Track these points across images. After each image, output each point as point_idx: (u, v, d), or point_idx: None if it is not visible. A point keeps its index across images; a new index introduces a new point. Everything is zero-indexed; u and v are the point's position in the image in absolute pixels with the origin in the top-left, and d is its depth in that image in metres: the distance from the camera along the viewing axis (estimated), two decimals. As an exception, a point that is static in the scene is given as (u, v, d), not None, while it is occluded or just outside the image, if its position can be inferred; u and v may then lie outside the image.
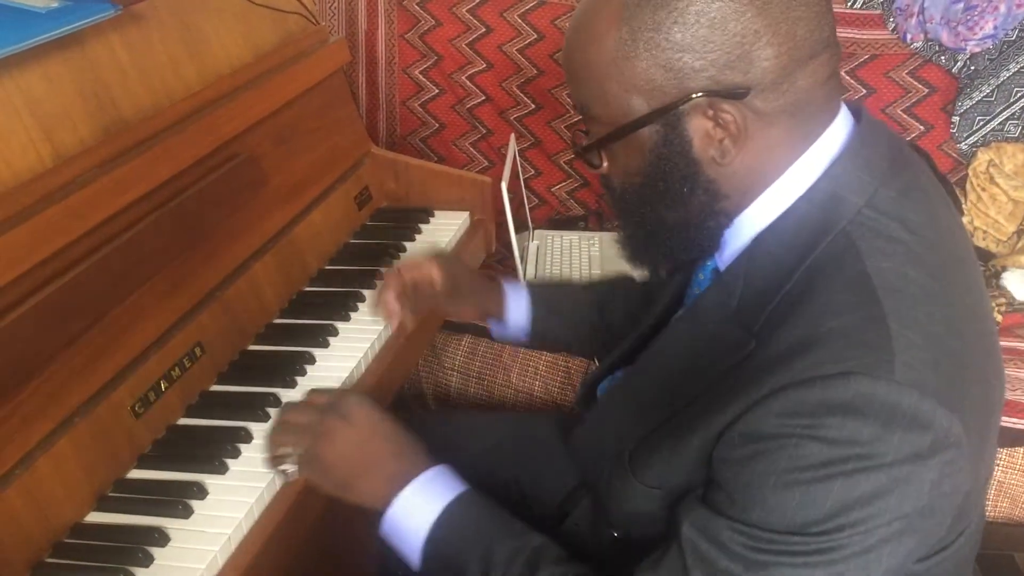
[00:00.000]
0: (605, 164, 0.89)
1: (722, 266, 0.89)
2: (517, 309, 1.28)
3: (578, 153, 0.90)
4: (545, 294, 1.31)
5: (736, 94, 0.78)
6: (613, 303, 1.28)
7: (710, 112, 0.80)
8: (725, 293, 0.84)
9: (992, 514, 1.60)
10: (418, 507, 0.93)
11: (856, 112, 0.86)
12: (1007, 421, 1.60)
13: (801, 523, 0.73)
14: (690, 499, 0.81)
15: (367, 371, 1.27)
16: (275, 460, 0.98)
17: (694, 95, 0.79)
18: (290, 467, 0.97)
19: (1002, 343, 1.81)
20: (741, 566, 0.75)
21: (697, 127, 0.81)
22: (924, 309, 0.75)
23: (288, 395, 1.17)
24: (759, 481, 0.74)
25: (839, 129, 0.83)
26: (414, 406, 1.90)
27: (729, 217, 0.85)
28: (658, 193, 0.85)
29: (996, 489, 1.58)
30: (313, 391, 1.03)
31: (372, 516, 0.96)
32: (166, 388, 1.13)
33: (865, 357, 0.72)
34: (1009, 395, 1.63)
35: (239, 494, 1.02)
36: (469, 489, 0.95)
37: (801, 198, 0.82)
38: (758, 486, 0.74)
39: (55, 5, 1.10)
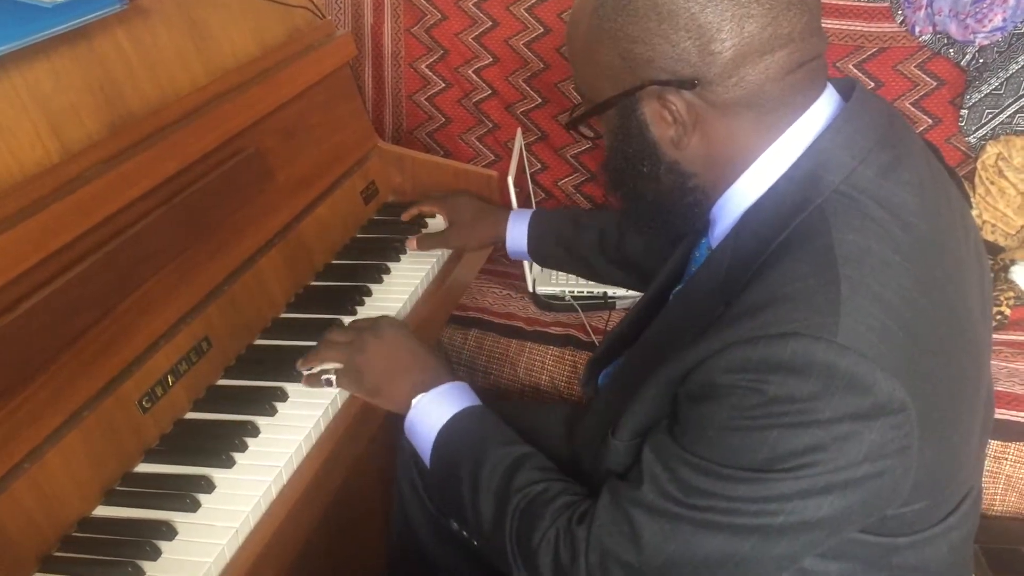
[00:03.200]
0: (588, 133, 1.00)
1: (713, 243, 0.93)
2: (517, 235, 1.47)
3: (567, 124, 1.00)
4: (544, 218, 1.47)
5: (685, 85, 0.84)
6: (617, 234, 1.39)
7: (657, 102, 0.86)
8: (715, 269, 0.89)
9: (1000, 508, 1.60)
10: (433, 411, 1.06)
11: (848, 90, 0.89)
12: (1015, 416, 1.59)
13: (739, 462, 0.79)
14: (657, 427, 0.88)
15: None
16: (314, 377, 1.16)
17: (645, 84, 0.85)
18: (332, 376, 1.15)
19: (1011, 337, 1.81)
20: (682, 490, 0.82)
21: (652, 112, 0.88)
22: (879, 278, 0.78)
23: (295, 389, 1.17)
24: (706, 421, 0.81)
25: (822, 110, 0.87)
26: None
27: (706, 194, 0.91)
28: (625, 169, 0.93)
29: (1004, 484, 1.58)
30: (354, 321, 1.21)
31: (377, 512, 0.96)
32: (173, 382, 1.13)
33: (810, 319, 0.76)
34: (1019, 390, 1.63)
35: (246, 488, 1.02)
36: (479, 404, 1.08)
37: (782, 176, 0.86)
38: (705, 426, 0.81)
39: (61, 0, 1.10)
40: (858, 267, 0.77)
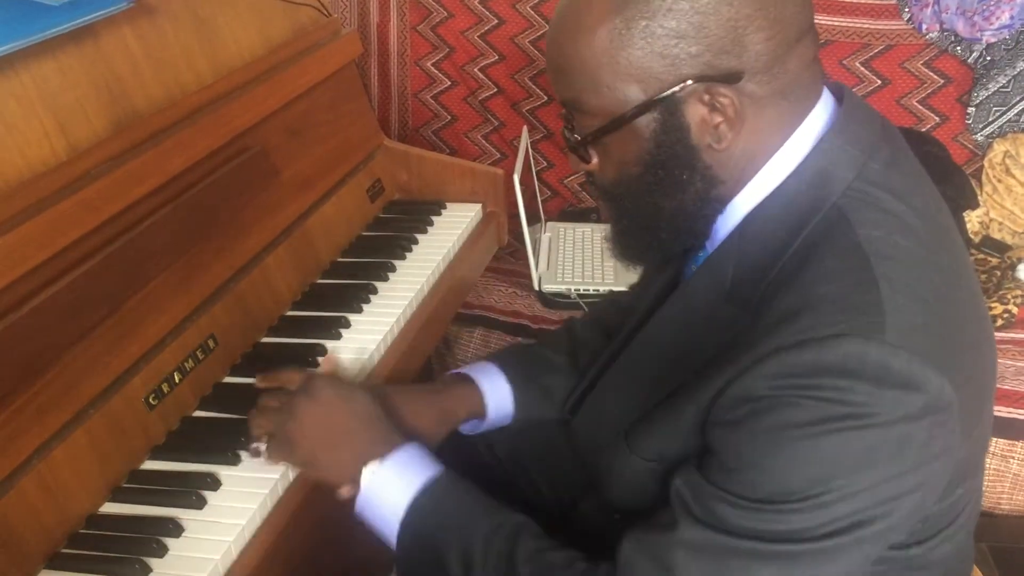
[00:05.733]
0: (595, 160, 0.89)
1: (712, 250, 0.90)
2: (499, 397, 1.15)
3: (572, 148, 0.90)
4: (516, 366, 1.17)
5: (731, 78, 0.79)
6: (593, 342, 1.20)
7: (706, 97, 0.80)
8: (716, 274, 0.86)
9: (1008, 507, 1.59)
10: (393, 487, 0.94)
11: (838, 92, 0.88)
12: (1023, 414, 1.59)
13: (790, 486, 0.73)
14: (685, 465, 0.82)
15: (380, 363, 1.27)
16: (249, 441, 1.03)
17: (690, 81, 0.80)
18: (261, 445, 1.02)
19: (1018, 335, 1.81)
20: (726, 529, 0.76)
21: (694, 113, 0.81)
22: (914, 274, 0.76)
23: (301, 387, 1.17)
24: (749, 440, 0.75)
25: (824, 108, 0.85)
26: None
27: (723, 204, 0.86)
28: (657, 181, 0.85)
29: (1012, 482, 1.57)
30: (286, 374, 1.05)
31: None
32: (180, 380, 1.13)
33: (856, 319, 0.73)
34: (1025, 388, 1.63)
35: (252, 485, 1.02)
36: (443, 469, 0.95)
37: (790, 177, 0.83)
38: (749, 446, 0.75)
39: (68, -2, 1.11)
40: (891, 265, 0.76)
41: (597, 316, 1.24)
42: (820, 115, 0.84)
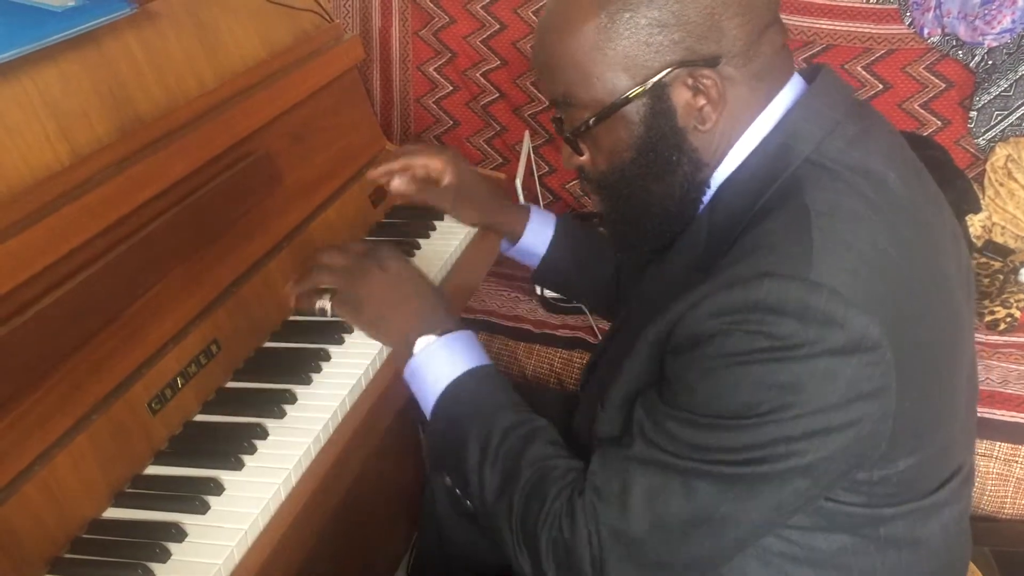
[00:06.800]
0: (586, 154, 0.97)
1: None
2: (538, 233, 1.36)
3: (568, 139, 0.97)
4: (573, 231, 1.37)
5: (711, 62, 0.86)
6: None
7: (690, 81, 0.87)
8: (692, 244, 0.92)
9: (1011, 512, 1.59)
10: (441, 361, 1.03)
11: (813, 72, 0.93)
12: (1026, 418, 1.59)
13: (722, 407, 0.81)
14: (645, 391, 0.89)
15: (383, 366, 1.27)
16: (308, 298, 1.11)
17: (674, 66, 0.86)
18: (327, 304, 1.09)
19: (1021, 339, 1.80)
20: (670, 442, 0.83)
21: (679, 96, 0.88)
22: (852, 229, 0.81)
23: (304, 392, 1.17)
24: (688, 370, 0.82)
25: (791, 89, 0.91)
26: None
27: (707, 186, 0.92)
28: (647, 164, 0.92)
29: (1015, 487, 1.57)
30: (349, 242, 1.15)
31: (386, 514, 0.96)
32: (183, 385, 1.13)
33: (782, 261, 0.79)
34: (1028, 392, 1.62)
35: (255, 490, 1.02)
36: (490, 363, 1.05)
37: (754, 151, 0.89)
38: (688, 375, 0.83)
39: (71, 4, 1.11)
40: (830, 219, 0.80)
41: None
42: (787, 95, 0.90)
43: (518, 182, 1.80)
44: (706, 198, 0.93)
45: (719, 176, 0.91)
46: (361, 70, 2.24)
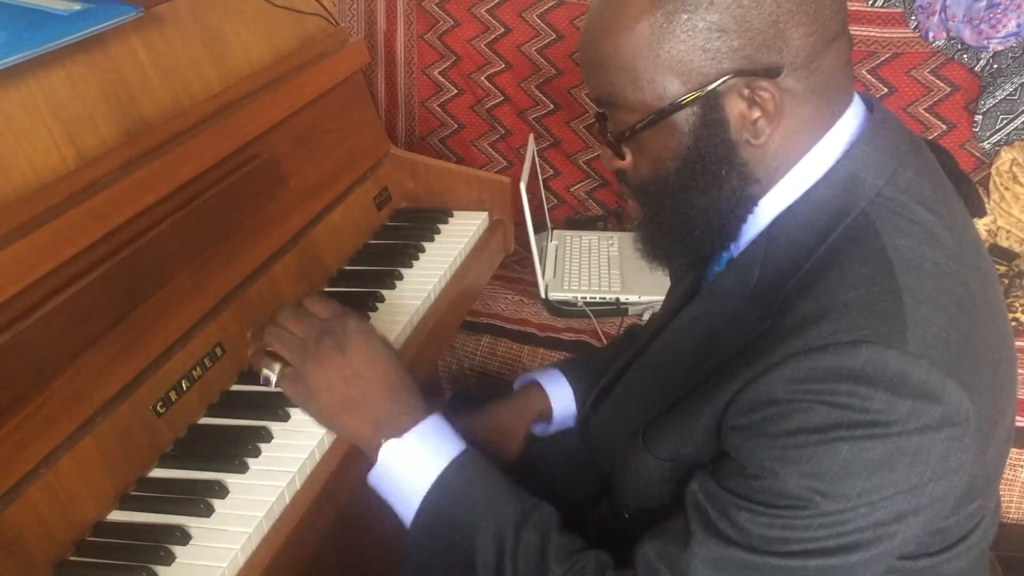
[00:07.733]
0: (629, 157, 0.89)
1: (736, 253, 0.89)
2: (559, 397, 1.22)
3: (610, 143, 0.89)
4: (581, 365, 1.24)
5: (771, 73, 0.79)
6: None
7: (746, 92, 0.80)
8: (742, 275, 0.85)
9: (1016, 516, 1.59)
10: (416, 461, 0.92)
11: (869, 102, 0.88)
12: (1031, 422, 1.58)
13: (806, 494, 0.73)
14: (701, 471, 0.82)
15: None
16: (259, 359, 0.97)
17: (731, 75, 0.79)
18: (273, 376, 0.95)
19: (1026, 343, 1.80)
20: (744, 537, 0.75)
21: (733, 107, 0.81)
22: (938, 286, 0.76)
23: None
24: (766, 445, 0.74)
25: (855, 113, 0.84)
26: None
27: (755, 203, 0.86)
28: (694, 176, 0.84)
29: (1021, 491, 1.57)
30: (315, 298, 0.99)
31: (391, 516, 0.96)
32: (187, 388, 1.13)
33: (878, 327, 0.72)
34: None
35: (260, 493, 1.02)
36: (468, 447, 0.94)
37: (820, 180, 0.83)
38: (766, 450, 0.75)
39: (77, 8, 1.11)
40: (916, 275, 0.75)
41: None
42: (851, 120, 0.84)
43: (522, 185, 1.80)
44: (760, 225, 0.86)
45: (777, 203, 0.84)
46: (366, 73, 2.25)
